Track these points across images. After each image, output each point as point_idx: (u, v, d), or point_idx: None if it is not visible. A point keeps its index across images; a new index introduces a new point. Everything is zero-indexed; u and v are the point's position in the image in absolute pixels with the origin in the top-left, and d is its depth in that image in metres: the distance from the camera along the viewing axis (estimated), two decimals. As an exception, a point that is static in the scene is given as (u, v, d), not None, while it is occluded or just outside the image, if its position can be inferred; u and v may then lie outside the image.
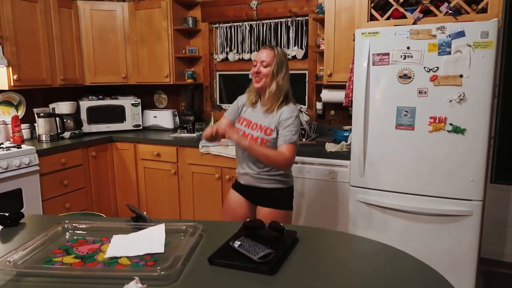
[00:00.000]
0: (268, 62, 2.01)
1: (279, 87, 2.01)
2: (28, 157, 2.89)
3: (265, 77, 2.01)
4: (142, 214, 1.47)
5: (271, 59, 2.01)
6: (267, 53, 2.02)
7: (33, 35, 3.23)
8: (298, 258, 1.19)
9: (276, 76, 2.01)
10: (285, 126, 1.97)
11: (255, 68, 2.04)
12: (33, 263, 1.17)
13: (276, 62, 2.01)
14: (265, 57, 2.01)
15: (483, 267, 2.95)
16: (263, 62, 2.01)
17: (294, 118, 1.99)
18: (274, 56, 2.01)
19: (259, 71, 2.02)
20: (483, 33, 2.13)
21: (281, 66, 2.03)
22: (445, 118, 2.26)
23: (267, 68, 2.01)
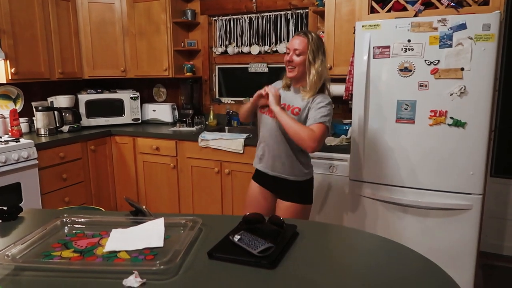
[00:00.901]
0: (301, 50, 1.91)
1: (319, 74, 1.92)
2: (27, 151, 2.87)
3: (297, 66, 1.94)
4: (141, 208, 1.46)
5: (305, 47, 1.91)
6: (300, 40, 1.93)
7: (30, 28, 3.21)
8: (298, 252, 1.18)
9: (314, 63, 1.92)
10: (317, 108, 1.90)
11: (287, 56, 1.96)
12: (31, 257, 1.16)
13: (311, 49, 1.91)
14: (298, 44, 1.92)
15: (483, 260, 2.95)
16: (296, 50, 1.92)
17: (327, 102, 1.92)
18: (308, 43, 1.91)
19: (292, 59, 1.94)
20: (485, 25, 2.11)
21: (317, 52, 1.93)
22: (446, 112, 2.25)
23: (300, 57, 1.92)
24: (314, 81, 1.93)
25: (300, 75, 1.97)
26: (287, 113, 1.92)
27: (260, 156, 2.12)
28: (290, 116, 1.92)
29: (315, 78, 1.92)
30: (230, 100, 3.91)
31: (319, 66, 1.93)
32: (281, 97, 2.00)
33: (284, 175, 2.03)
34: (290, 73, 1.98)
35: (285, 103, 2.01)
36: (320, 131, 1.86)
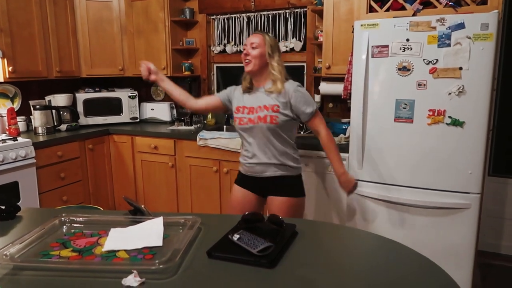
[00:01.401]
0: (258, 43, 2.02)
1: (277, 69, 2.03)
2: (25, 149, 2.86)
3: (254, 59, 2.03)
4: (140, 207, 1.46)
5: (261, 41, 2.03)
6: (256, 36, 2.05)
7: (28, 26, 3.19)
8: (298, 252, 1.18)
9: (273, 57, 2.04)
10: (299, 101, 2.00)
11: (244, 51, 2.07)
12: (30, 257, 1.15)
13: (269, 44, 2.04)
14: (254, 39, 2.04)
15: (481, 259, 2.96)
16: (252, 44, 2.03)
17: (300, 89, 2.04)
18: (264, 39, 2.04)
19: (248, 53, 2.04)
20: (483, 25, 2.11)
21: (275, 48, 2.05)
22: (444, 111, 2.26)
23: (256, 50, 2.02)
24: (275, 72, 2.02)
25: (257, 68, 2.04)
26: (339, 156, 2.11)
27: (247, 162, 2.12)
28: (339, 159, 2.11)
29: (276, 69, 2.03)
30: (229, 99, 3.90)
31: (276, 61, 2.04)
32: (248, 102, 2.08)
33: (278, 173, 2.07)
34: (247, 67, 2.05)
35: (260, 105, 2.04)
36: (322, 121, 2.09)
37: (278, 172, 2.06)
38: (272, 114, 1.99)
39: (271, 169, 2.06)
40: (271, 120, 1.99)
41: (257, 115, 2.02)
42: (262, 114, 2.01)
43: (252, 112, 2.05)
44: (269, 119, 1.99)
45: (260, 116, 2.01)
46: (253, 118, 2.03)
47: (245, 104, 2.10)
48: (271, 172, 2.06)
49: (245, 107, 2.09)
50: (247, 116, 2.06)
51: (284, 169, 2.06)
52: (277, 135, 2.03)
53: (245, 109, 2.08)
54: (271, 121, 1.99)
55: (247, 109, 2.08)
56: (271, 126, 1.99)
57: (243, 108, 2.10)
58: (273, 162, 2.05)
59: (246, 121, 2.05)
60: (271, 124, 1.99)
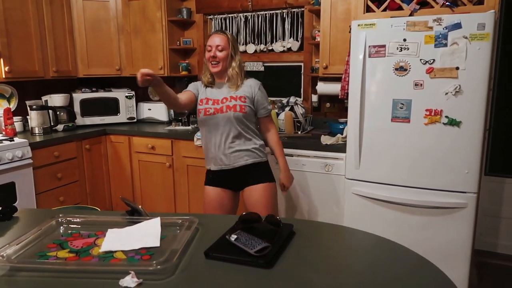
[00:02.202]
0: (223, 46, 2.10)
1: (239, 66, 2.14)
2: (21, 150, 2.85)
3: (222, 60, 2.11)
4: (137, 208, 1.46)
5: (226, 43, 2.11)
6: (220, 37, 2.12)
7: (24, 26, 3.18)
8: (295, 252, 1.19)
9: (235, 57, 2.14)
10: (261, 99, 2.17)
11: (210, 53, 2.11)
12: (27, 258, 1.15)
13: (232, 45, 2.14)
14: (219, 41, 2.10)
15: (477, 258, 2.97)
16: (218, 47, 2.10)
17: (262, 89, 2.20)
18: (228, 40, 2.12)
19: (215, 55, 2.10)
20: (480, 25, 2.12)
21: (237, 47, 2.18)
22: (441, 111, 2.26)
23: (223, 52, 2.11)
24: (236, 72, 2.14)
25: (224, 68, 2.15)
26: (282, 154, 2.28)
27: (215, 157, 2.18)
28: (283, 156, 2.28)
29: (236, 70, 2.14)
30: (226, 99, 3.90)
31: (239, 60, 2.16)
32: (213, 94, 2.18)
33: (249, 160, 2.15)
34: (215, 68, 2.14)
35: (225, 96, 2.13)
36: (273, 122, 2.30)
37: (250, 160, 2.14)
38: (241, 104, 2.10)
39: (243, 159, 2.14)
40: (241, 109, 2.09)
41: (225, 104, 2.10)
42: (231, 104, 2.09)
43: (218, 103, 2.12)
44: (238, 108, 2.08)
45: (229, 106, 2.09)
46: (219, 108, 2.10)
47: (208, 96, 2.18)
48: (243, 161, 2.13)
49: (209, 99, 2.16)
50: (212, 107, 2.13)
51: (254, 155, 2.16)
52: (243, 124, 2.12)
53: (209, 100, 2.16)
54: (241, 110, 2.09)
55: (211, 101, 2.15)
56: (239, 114, 2.09)
57: (206, 100, 2.17)
58: (238, 151, 2.13)
59: (212, 111, 2.12)
60: (240, 112, 2.09)
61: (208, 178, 2.27)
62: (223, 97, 2.13)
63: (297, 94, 3.47)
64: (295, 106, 3.14)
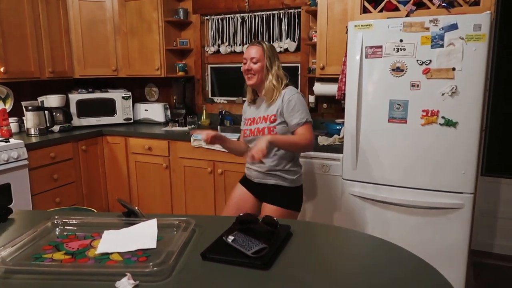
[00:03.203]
0: (258, 57, 2.02)
1: (276, 78, 2.03)
2: (17, 151, 2.84)
3: (257, 73, 2.03)
4: (134, 209, 1.45)
5: (261, 55, 2.02)
6: (255, 49, 2.04)
7: (20, 26, 3.16)
8: (292, 253, 1.18)
9: (271, 69, 2.03)
10: (290, 109, 1.96)
11: (245, 65, 2.06)
12: (22, 260, 1.14)
13: (268, 56, 2.03)
14: (254, 53, 2.03)
15: (474, 258, 2.98)
16: (252, 59, 2.03)
17: (296, 97, 1.98)
18: (263, 51, 2.03)
19: (250, 68, 2.04)
20: (476, 26, 2.12)
21: (273, 58, 2.05)
22: (438, 111, 2.27)
23: (258, 64, 2.02)
24: (271, 86, 2.02)
25: (260, 81, 2.05)
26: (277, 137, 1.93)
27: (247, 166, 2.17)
28: (281, 137, 1.94)
29: (271, 83, 2.02)
30: (223, 99, 3.90)
31: (275, 70, 2.04)
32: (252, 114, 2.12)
33: (272, 181, 2.07)
34: (250, 81, 2.06)
35: (260, 116, 2.07)
36: (309, 131, 1.97)
37: (272, 181, 2.06)
38: (269, 126, 2.01)
39: (266, 178, 2.08)
40: (269, 131, 2.00)
41: (256, 127, 2.06)
42: (261, 126, 2.04)
43: (253, 123, 2.09)
44: (266, 131, 2.01)
45: (258, 128, 2.05)
46: (253, 129, 2.08)
47: (248, 116, 2.15)
48: (268, 180, 2.08)
49: (249, 119, 2.14)
50: (249, 128, 2.10)
51: (279, 179, 2.06)
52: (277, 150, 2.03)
53: (248, 120, 2.13)
54: (269, 132, 2.00)
55: (249, 121, 2.12)
56: None
57: (247, 120, 2.15)
58: (271, 173, 2.05)
59: (248, 133, 2.10)
60: (268, 135, 1.96)
61: (243, 175, 2.25)
62: (259, 116, 2.07)
63: (294, 95, 3.46)
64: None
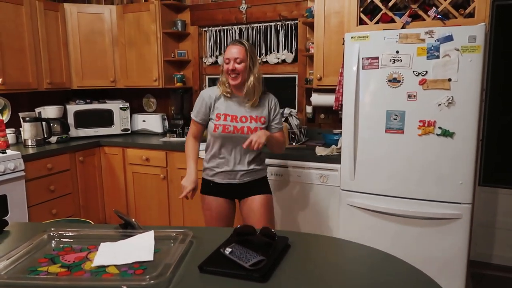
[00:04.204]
0: (242, 58, 2.03)
1: (257, 79, 2.08)
2: (14, 162, 2.82)
3: (241, 73, 2.05)
4: (131, 221, 1.44)
5: (244, 54, 2.04)
6: (238, 49, 2.04)
7: (18, 38, 3.18)
8: (290, 265, 1.17)
9: (253, 69, 2.06)
10: (275, 114, 2.17)
11: (229, 65, 2.05)
12: (17, 273, 1.13)
13: (250, 56, 2.05)
14: (237, 53, 2.03)
15: (473, 269, 2.97)
16: (236, 59, 2.03)
17: (278, 104, 2.20)
18: (246, 51, 2.05)
19: (234, 68, 2.04)
20: (471, 37, 2.15)
21: (255, 58, 2.09)
22: (434, 122, 2.28)
23: (242, 64, 2.03)
24: (253, 86, 2.06)
25: (243, 81, 2.07)
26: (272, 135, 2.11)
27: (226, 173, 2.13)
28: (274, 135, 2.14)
29: (252, 83, 2.06)
30: (221, 110, 3.90)
31: (257, 71, 2.09)
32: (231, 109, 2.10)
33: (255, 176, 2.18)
34: (234, 81, 2.06)
35: (245, 115, 2.08)
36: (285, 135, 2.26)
37: (253, 176, 2.17)
38: (261, 127, 2.09)
39: (247, 176, 2.15)
40: None
41: (247, 126, 2.06)
42: (253, 126, 2.06)
43: (236, 120, 2.08)
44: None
45: (250, 128, 2.06)
46: (239, 127, 2.06)
47: (226, 112, 2.10)
48: (252, 177, 2.16)
49: (227, 115, 2.09)
50: (232, 124, 2.08)
51: (257, 173, 2.19)
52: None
53: (227, 116, 2.09)
54: None
55: (229, 117, 2.09)
56: None
57: (225, 115, 2.09)
58: (250, 169, 2.14)
59: (232, 129, 2.07)
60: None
61: (208, 187, 2.18)
62: (242, 115, 2.08)
63: (292, 106, 3.48)
64: (290, 117, 3.14)
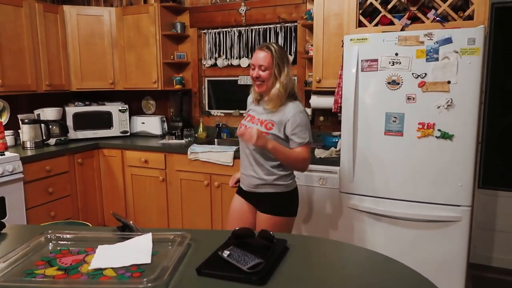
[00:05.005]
0: (267, 65, 1.91)
1: (284, 86, 1.92)
2: (12, 164, 2.82)
3: (266, 80, 1.93)
4: (129, 223, 1.43)
5: (269, 61, 1.91)
6: (264, 55, 1.91)
7: (17, 40, 3.18)
8: (289, 267, 1.17)
9: (279, 77, 1.92)
10: (295, 126, 1.90)
11: (253, 72, 1.95)
12: (13, 276, 1.12)
13: (276, 63, 1.91)
14: (263, 60, 1.91)
15: (472, 272, 2.96)
16: (261, 67, 1.92)
17: (302, 116, 1.92)
18: (272, 57, 1.91)
19: (259, 75, 1.93)
20: (470, 39, 2.15)
21: (282, 64, 1.93)
22: (434, 124, 2.28)
23: (266, 72, 1.92)
24: (277, 94, 1.92)
25: (270, 88, 1.95)
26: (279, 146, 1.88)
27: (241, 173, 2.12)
28: (282, 148, 1.89)
29: (278, 91, 1.92)
30: (220, 112, 3.90)
31: (284, 78, 1.93)
32: (253, 112, 2.05)
33: (263, 190, 2.00)
34: (260, 88, 1.96)
35: (259, 117, 2.00)
36: (307, 152, 1.93)
37: (263, 189, 2.00)
38: (264, 131, 1.91)
39: (260, 187, 2.00)
40: None
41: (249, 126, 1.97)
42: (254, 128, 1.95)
43: (252, 121, 2.02)
44: None
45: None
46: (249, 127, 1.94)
47: (251, 112, 2.07)
48: (259, 189, 2.01)
49: (249, 115, 2.06)
50: (246, 123, 2.02)
51: (271, 187, 1.98)
52: (263, 153, 1.95)
53: (249, 116, 2.06)
54: None
55: (249, 117, 2.05)
56: None
57: (248, 116, 2.07)
58: (264, 182, 1.98)
59: (243, 129, 1.94)
60: None
61: (238, 186, 2.16)
62: (258, 118, 2.00)
63: (291, 108, 3.47)
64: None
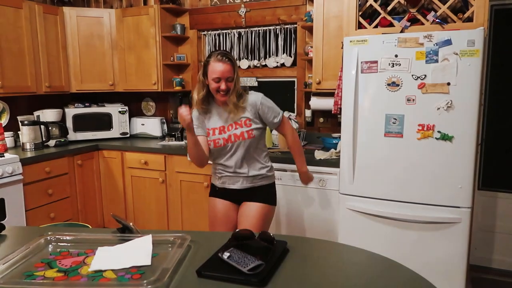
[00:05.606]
0: (232, 75, 1.99)
1: (239, 93, 2.05)
2: (12, 166, 2.81)
3: (232, 89, 2.00)
4: (128, 225, 1.43)
5: (233, 71, 2.00)
6: (228, 67, 1.97)
7: (17, 41, 3.18)
8: (289, 269, 1.17)
9: (237, 85, 2.03)
10: (266, 111, 2.08)
11: (219, 84, 1.97)
12: (13, 278, 1.12)
13: (236, 72, 2.02)
14: (228, 72, 1.98)
15: (472, 274, 2.95)
16: (228, 78, 1.98)
17: (265, 99, 2.10)
18: (232, 67, 2.00)
19: (228, 87, 1.98)
20: (470, 41, 2.15)
21: (238, 73, 2.05)
22: (433, 126, 2.28)
23: (232, 82, 2.00)
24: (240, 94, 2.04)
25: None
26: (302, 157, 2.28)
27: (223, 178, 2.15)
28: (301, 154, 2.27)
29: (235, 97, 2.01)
30: (220, 114, 3.90)
31: (238, 85, 2.04)
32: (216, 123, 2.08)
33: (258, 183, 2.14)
34: (224, 97, 2.01)
35: (231, 123, 2.05)
36: (289, 125, 2.21)
37: (260, 182, 2.14)
38: (247, 130, 2.05)
39: (250, 182, 2.12)
40: (248, 136, 2.05)
41: (233, 133, 2.05)
42: (238, 132, 2.04)
43: (224, 131, 2.06)
44: (246, 135, 2.05)
45: (236, 134, 2.05)
46: (227, 137, 2.06)
47: (212, 126, 2.09)
48: (254, 183, 2.13)
49: (214, 129, 2.08)
50: (220, 137, 2.07)
51: (261, 179, 2.14)
52: (254, 148, 2.10)
53: (215, 130, 2.08)
54: (248, 136, 2.05)
55: (217, 130, 2.08)
56: (247, 141, 2.06)
57: (213, 130, 2.08)
58: (252, 175, 2.11)
59: (221, 142, 2.07)
60: (248, 139, 2.05)
61: (213, 190, 2.24)
62: (229, 124, 2.05)
63: (291, 109, 3.48)
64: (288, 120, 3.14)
